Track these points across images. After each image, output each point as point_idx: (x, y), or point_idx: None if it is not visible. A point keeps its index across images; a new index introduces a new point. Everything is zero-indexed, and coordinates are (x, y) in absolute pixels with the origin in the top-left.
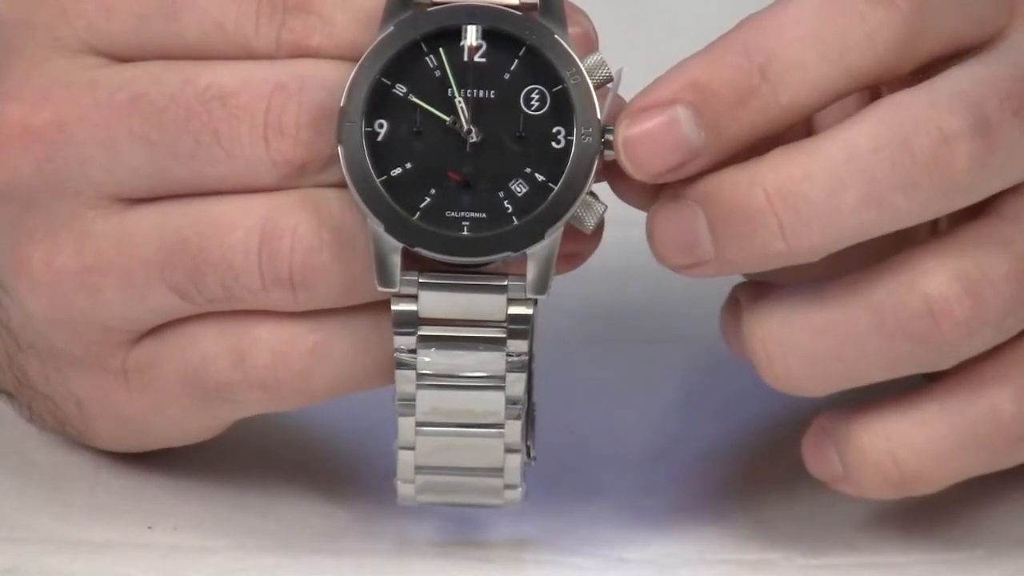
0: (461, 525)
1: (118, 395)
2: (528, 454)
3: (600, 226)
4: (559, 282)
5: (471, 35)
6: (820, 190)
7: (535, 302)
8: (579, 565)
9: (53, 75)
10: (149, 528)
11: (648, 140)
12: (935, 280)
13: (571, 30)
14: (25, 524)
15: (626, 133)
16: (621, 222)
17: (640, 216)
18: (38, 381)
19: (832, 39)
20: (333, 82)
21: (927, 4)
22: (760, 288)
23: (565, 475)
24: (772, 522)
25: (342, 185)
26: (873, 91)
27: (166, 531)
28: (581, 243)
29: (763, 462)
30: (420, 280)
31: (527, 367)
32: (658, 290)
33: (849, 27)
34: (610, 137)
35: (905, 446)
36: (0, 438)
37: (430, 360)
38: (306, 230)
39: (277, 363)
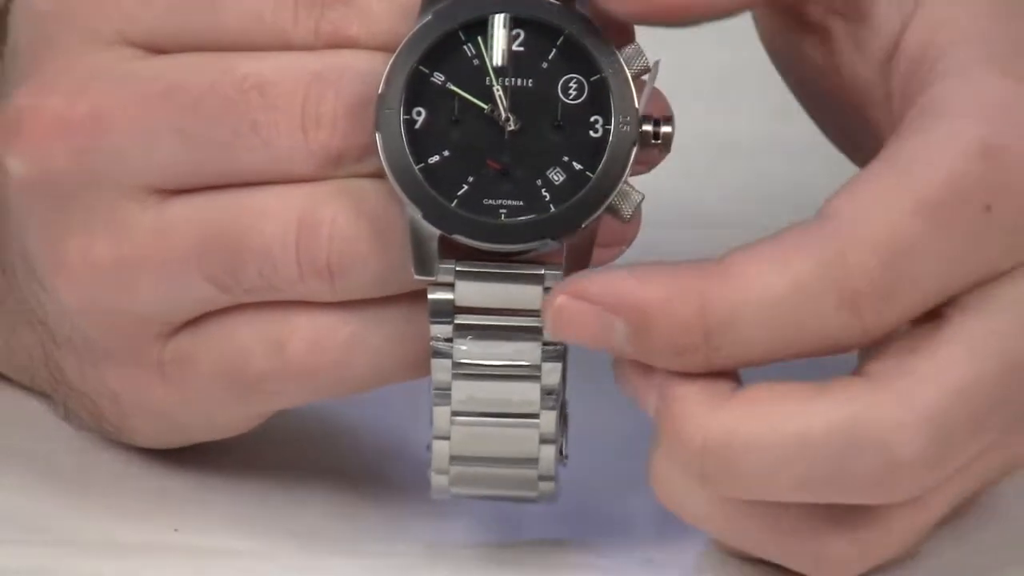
0: (488, 527)
1: (155, 389)
2: (561, 451)
3: (637, 215)
4: None
5: (498, 39)
6: (759, 463)
7: None
8: (606, 567)
9: (90, 67)
10: (175, 531)
11: (578, 325)
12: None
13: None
14: (50, 526)
15: (563, 304)
16: (646, 220)
17: (652, 217)
18: (74, 377)
19: (786, 328)
20: (371, 72)
21: (897, 311)
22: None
23: (591, 477)
24: None
25: (379, 175)
26: None
27: (191, 533)
28: (619, 232)
29: None
30: (457, 269)
31: (563, 357)
32: None
33: (807, 322)
34: (647, 128)
35: None
36: (25, 440)
37: (466, 349)
38: (344, 220)
39: (315, 352)
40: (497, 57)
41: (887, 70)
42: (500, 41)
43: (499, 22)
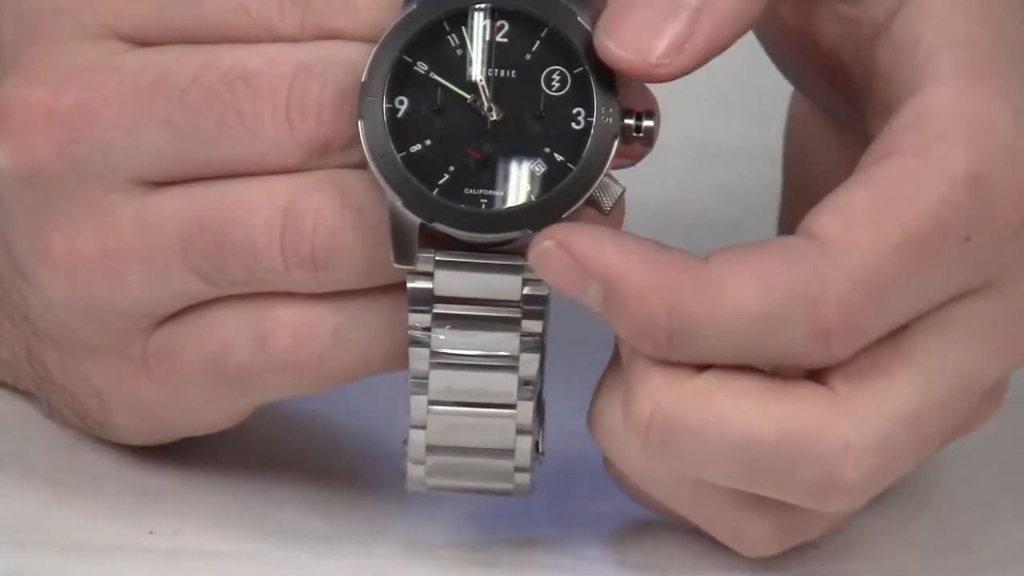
0: (465, 526)
1: (138, 383)
2: (537, 448)
3: (618, 209)
4: None
5: (478, 26)
6: (700, 450)
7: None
8: (581, 568)
9: (76, 59)
10: (150, 533)
11: (557, 272)
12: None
13: (593, 14)
14: (26, 528)
15: (549, 248)
16: (627, 225)
17: (646, 225)
18: (57, 373)
19: (752, 344)
20: (357, 63)
21: (864, 340)
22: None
23: (568, 478)
24: None
25: (365, 166)
26: None
27: (168, 535)
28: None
29: None
30: (437, 258)
31: (540, 348)
32: None
33: (775, 342)
34: (630, 121)
35: None
36: (1, 441)
37: (444, 338)
38: (329, 211)
39: (298, 346)
40: (477, 61)
41: (868, 49)
42: (480, 39)
43: (479, 18)
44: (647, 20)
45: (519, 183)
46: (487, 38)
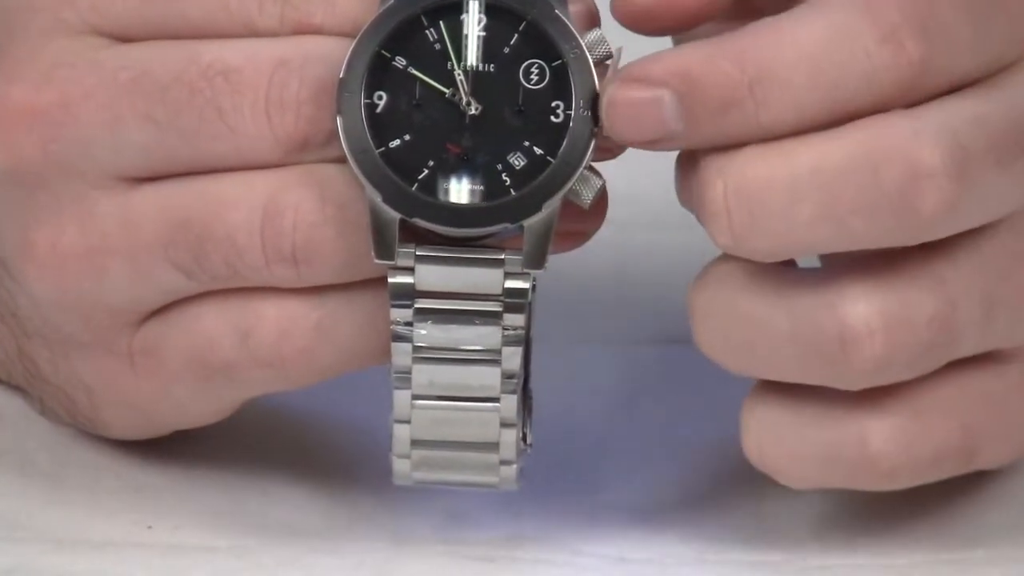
0: (460, 523)
1: (125, 379)
2: (525, 440)
3: (601, 203)
4: (558, 283)
5: (473, 14)
6: (778, 198)
7: (532, 277)
8: (579, 564)
9: (57, 56)
10: (149, 527)
11: (630, 110)
12: (855, 310)
13: (572, 7)
14: (25, 524)
15: (612, 94)
16: (622, 225)
17: (643, 220)
18: (47, 371)
19: (830, 71)
20: (336, 58)
21: (938, 51)
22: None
23: (565, 474)
24: (773, 523)
25: (345, 161)
26: None
27: (166, 531)
28: (582, 220)
29: None
30: (417, 253)
31: (523, 341)
32: (658, 292)
33: (851, 62)
34: None
35: (772, 439)
36: (0, 437)
37: (426, 333)
38: (309, 206)
39: (282, 340)
40: (472, 50)
41: None
42: (475, 31)
43: (474, 8)
44: None
45: (498, 177)
46: (465, 32)
